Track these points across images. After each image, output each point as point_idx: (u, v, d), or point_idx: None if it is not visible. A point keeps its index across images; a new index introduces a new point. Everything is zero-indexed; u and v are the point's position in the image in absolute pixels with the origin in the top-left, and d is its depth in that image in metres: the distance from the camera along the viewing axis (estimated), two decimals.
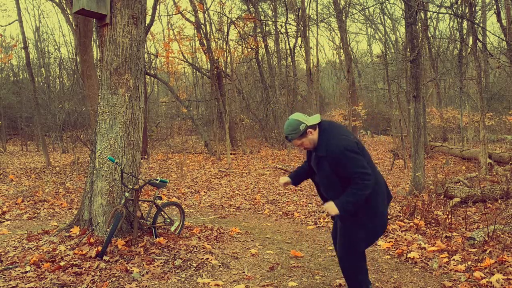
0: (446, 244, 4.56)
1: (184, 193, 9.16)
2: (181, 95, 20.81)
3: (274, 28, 19.64)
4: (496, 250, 4.27)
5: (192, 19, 18.06)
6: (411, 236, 5.05)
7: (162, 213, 4.95)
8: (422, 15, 11.56)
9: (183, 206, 7.02)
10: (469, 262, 4.00)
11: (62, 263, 3.85)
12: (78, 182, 9.90)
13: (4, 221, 6.30)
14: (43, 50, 25.53)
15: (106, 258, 4.01)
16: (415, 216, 5.93)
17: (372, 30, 30.57)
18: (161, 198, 5.07)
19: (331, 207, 2.82)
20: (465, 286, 3.51)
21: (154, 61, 20.58)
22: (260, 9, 20.79)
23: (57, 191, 8.68)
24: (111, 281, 3.60)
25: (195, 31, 18.55)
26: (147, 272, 3.82)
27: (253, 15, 18.53)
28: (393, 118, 18.28)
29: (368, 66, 30.21)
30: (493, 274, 3.63)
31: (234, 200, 8.40)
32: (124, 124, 4.56)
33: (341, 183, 2.84)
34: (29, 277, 3.62)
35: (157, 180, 4.73)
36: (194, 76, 26.08)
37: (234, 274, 3.93)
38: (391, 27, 25.17)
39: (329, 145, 2.81)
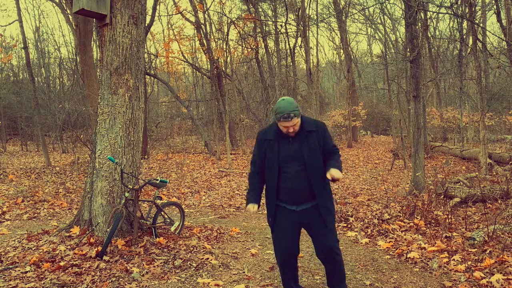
0: (446, 244, 4.56)
1: (184, 193, 9.16)
2: (181, 95, 20.77)
3: (274, 28, 19.62)
4: (496, 250, 4.27)
5: (192, 19, 18.06)
6: (411, 236, 5.04)
7: (162, 213, 4.96)
8: (422, 15, 11.56)
9: (183, 206, 7.02)
10: (469, 262, 4.00)
11: (62, 263, 3.85)
12: (78, 182, 9.90)
13: (4, 221, 6.31)
14: (43, 50, 25.50)
15: (106, 258, 4.01)
16: (415, 216, 5.92)
17: (372, 30, 30.57)
18: (161, 198, 5.08)
19: (337, 172, 2.95)
20: (465, 286, 3.51)
21: (154, 61, 20.56)
22: (260, 9, 20.75)
23: (57, 191, 8.68)
24: (111, 281, 3.60)
25: (195, 31, 18.54)
26: (147, 272, 3.82)
27: (253, 15, 18.50)
28: (393, 118, 18.28)
29: (368, 66, 30.20)
30: (493, 274, 3.63)
31: (234, 200, 8.40)
32: (124, 124, 4.56)
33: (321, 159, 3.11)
34: (29, 277, 3.62)
35: (157, 180, 4.73)
36: (194, 76, 26.05)
37: (234, 274, 3.93)
38: (391, 27, 25.16)
39: (316, 122, 3.21)
